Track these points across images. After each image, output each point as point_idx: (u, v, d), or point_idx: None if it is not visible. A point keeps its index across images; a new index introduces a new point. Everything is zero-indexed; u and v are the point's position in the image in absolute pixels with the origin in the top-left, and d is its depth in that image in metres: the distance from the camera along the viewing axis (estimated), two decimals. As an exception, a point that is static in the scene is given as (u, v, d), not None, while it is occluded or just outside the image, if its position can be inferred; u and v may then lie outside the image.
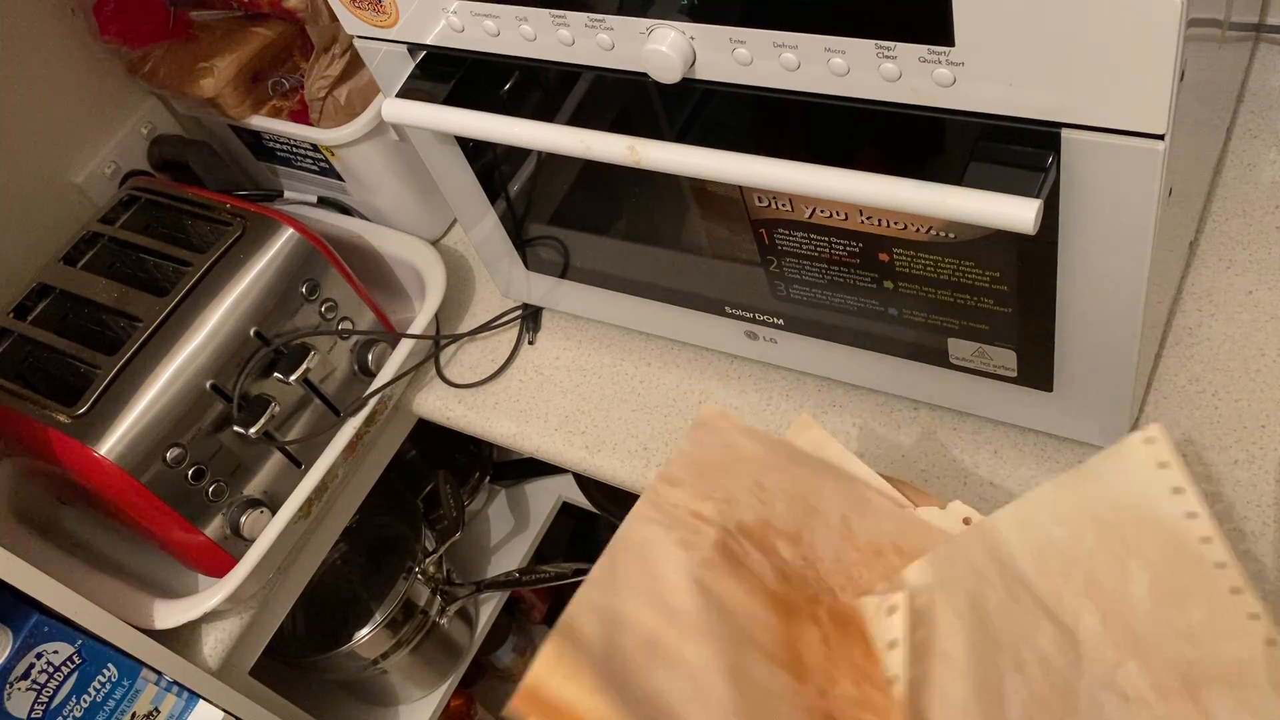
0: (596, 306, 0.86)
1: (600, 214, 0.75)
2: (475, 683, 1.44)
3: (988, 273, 0.60)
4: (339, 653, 1.07)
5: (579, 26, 0.59)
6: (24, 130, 0.94)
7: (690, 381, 0.83)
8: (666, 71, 0.57)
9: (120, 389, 0.76)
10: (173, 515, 0.78)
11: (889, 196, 0.54)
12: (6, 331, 0.83)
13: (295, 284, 0.83)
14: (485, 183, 0.78)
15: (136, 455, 0.75)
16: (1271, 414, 0.67)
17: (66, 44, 0.96)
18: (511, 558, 1.27)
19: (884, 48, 0.50)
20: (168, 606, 0.80)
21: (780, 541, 0.53)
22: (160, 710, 0.78)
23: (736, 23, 0.54)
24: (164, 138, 1.03)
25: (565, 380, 0.87)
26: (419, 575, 1.10)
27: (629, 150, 0.61)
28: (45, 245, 0.92)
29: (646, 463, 0.80)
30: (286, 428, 0.84)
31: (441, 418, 0.91)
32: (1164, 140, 0.48)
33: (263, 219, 0.83)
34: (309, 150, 0.97)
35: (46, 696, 0.72)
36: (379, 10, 0.67)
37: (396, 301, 0.98)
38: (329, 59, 0.90)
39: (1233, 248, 0.74)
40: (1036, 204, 0.50)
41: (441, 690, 1.19)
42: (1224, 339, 0.71)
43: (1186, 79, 0.48)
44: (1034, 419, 0.69)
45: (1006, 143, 0.52)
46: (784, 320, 0.74)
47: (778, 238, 0.66)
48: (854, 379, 0.76)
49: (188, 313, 0.79)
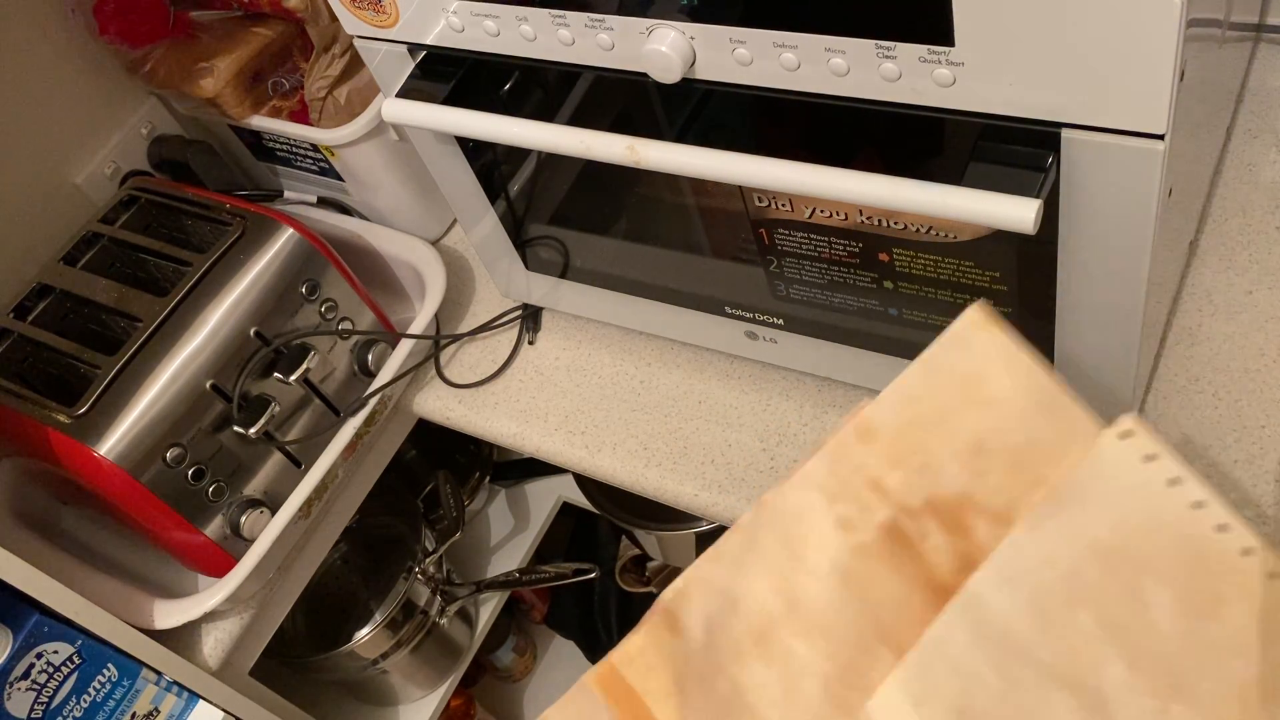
0: (596, 306, 0.86)
1: (600, 214, 0.75)
2: (475, 683, 1.44)
3: (988, 273, 0.60)
4: (339, 653, 1.07)
5: (579, 26, 0.59)
6: (24, 130, 0.94)
7: (690, 381, 0.83)
8: (666, 71, 0.57)
9: (120, 389, 0.76)
10: (173, 515, 0.78)
11: (889, 196, 0.54)
12: (6, 331, 0.83)
13: (295, 284, 0.83)
14: (485, 183, 0.78)
15: (136, 455, 0.75)
16: (1271, 414, 0.67)
17: (66, 44, 0.96)
18: (511, 558, 1.27)
19: (884, 48, 0.50)
20: (168, 606, 0.80)
21: (980, 520, 0.45)
22: (160, 710, 0.78)
23: (736, 23, 0.54)
24: (164, 138, 1.03)
25: (565, 380, 0.87)
26: (419, 575, 1.10)
27: (629, 150, 0.61)
28: (45, 245, 0.92)
29: (646, 463, 0.80)
30: (286, 428, 0.84)
31: (441, 418, 0.91)
32: (1164, 140, 0.48)
33: (263, 219, 0.83)
34: (309, 150, 0.97)
35: (46, 696, 0.72)
36: (379, 10, 0.67)
37: (396, 301, 0.98)
38: (329, 59, 0.90)
39: (1233, 248, 0.74)
40: (1036, 204, 0.50)
41: (441, 690, 1.19)
42: (1224, 339, 0.71)
43: (1186, 79, 0.48)
44: (1034, 419, 0.69)
45: (1006, 143, 0.52)
46: (784, 320, 0.74)
47: (778, 238, 0.66)
48: (854, 379, 0.76)
49: (188, 313, 0.79)
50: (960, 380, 0.47)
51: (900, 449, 0.46)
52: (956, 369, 0.47)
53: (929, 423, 0.46)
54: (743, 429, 0.79)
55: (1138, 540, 0.44)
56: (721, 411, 0.81)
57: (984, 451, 0.46)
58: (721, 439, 0.79)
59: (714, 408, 0.81)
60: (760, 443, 0.78)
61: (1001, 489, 0.46)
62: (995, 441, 0.46)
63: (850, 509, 0.45)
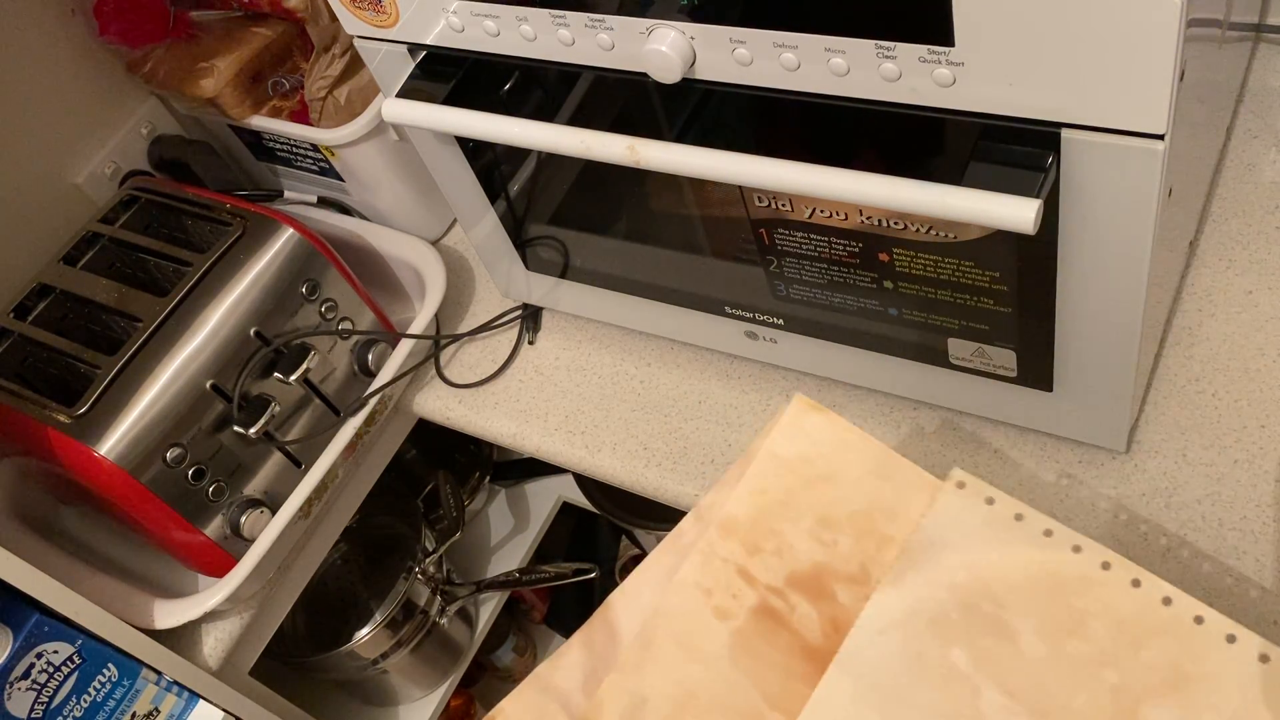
0: (596, 306, 0.86)
1: (600, 214, 0.75)
2: (475, 683, 1.44)
3: (988, 273, 0.60)
4: (339, 653, 1.07)
5: (579, 26, 0.59)
6: (24, 130, 0.94)
7: (690, 381, 0.83)
8: (666, 71, 0.57)
9: (120, 389, 0.76)
10: (173, 515, 0.78)
11: (889, 196, 0.54)
12: (6, 331, 0.83)
13: (295, 284, 0.83)
14: (485, 183, 0.78)
15: (136, 455, 0.75)
16: (1271, 414, 0.67)
17: (66, 44, 0.96)
18: (511, 558, 1.27)
19: (884, 48, 0.50)
20: (168, 606, 0.80)
21: (839, 585, 0.51)
22: (160, 710, 0.78)
23: (736, 23, 0.54)
24: (164, 138, 1.03)
25: (565, 380, 0.87)
26: (419, 575, 1.10)
27: (629, 150, 0.61)
28: (45, 245, 0.92)
29: (646, 463, 0.80)
30: (286, 428, 0.84)
31: (441, 418, 0.91)
32: (1164, 140, 0.48)
33: (263, 219, 0.83)
34: (309, 150, 0.97)
35: (46, 696, 0.72)
36: (379, 10, 0.67)
37: (396, 301, 0.98)
38: (329, 59, 0.90)
39: (1233, 248, 0.74)
40: (1036, 204, 0.50)
41: (441, 690, 1.19)
42: (1224, 339, 0.71)
43: (1186, 79, 0.48)
44: (1034, 419, 0.69)
45: (1006, 143, 0.52)
46: (784, 320, 0.74)
47: (778, 238, 0.66)
48: (854, 379, 0.76)
49: (188, 313, 0.79)
50: (799, 464, 0.52)
51: (756, 536, 0.51)
52: (794, 454, 0.52)
53: (778, 507, 0.52)
54: (743, 429, 0.79)
55: (994, 575, 0.47)
56: (721, 411, 0.81)
57: (830, 523, 0.51)
58: (721, 439, 0.79)
59: (714, 408, 0.81)
60: (760, 443, 0.78)
61: (853, 554, 0.50)
62: (839, 511, 0.51)
63: (724, 598, 0.50)
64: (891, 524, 0.51)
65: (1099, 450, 0.70)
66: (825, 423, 0.53)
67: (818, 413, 0.54)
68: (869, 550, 0.50)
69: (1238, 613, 0.62)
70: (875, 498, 0.51)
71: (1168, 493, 0.67)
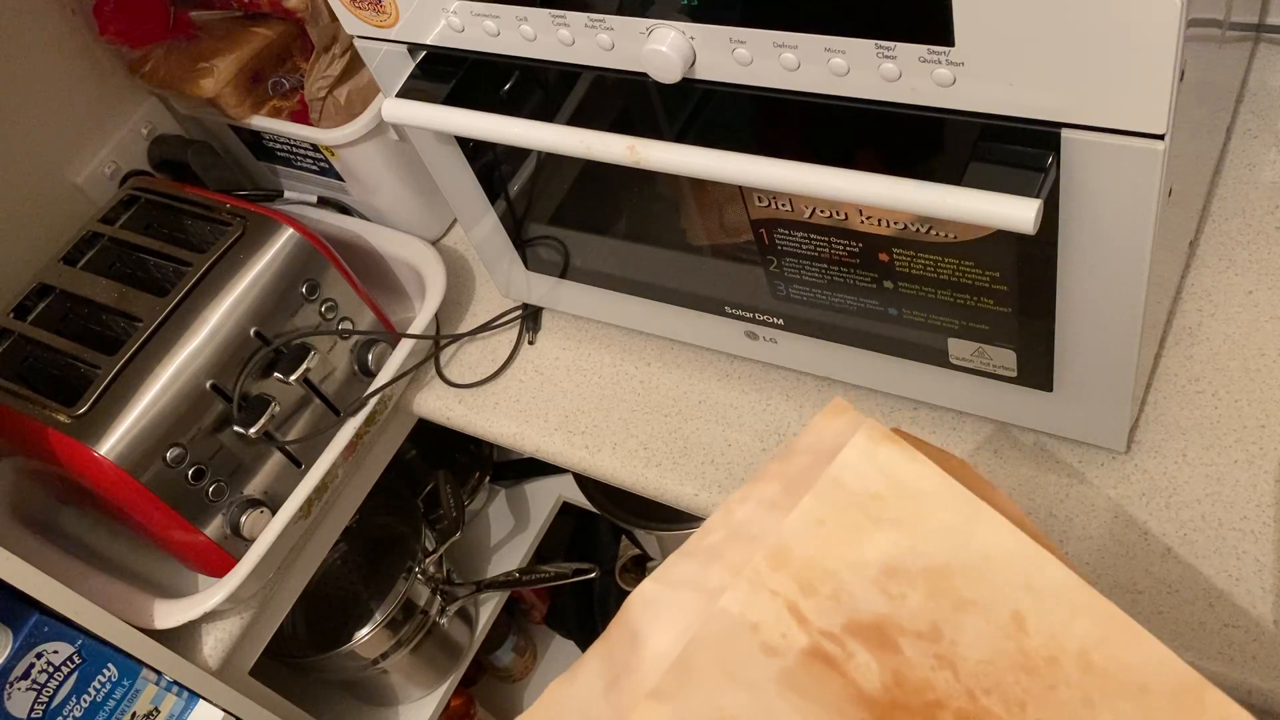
0: (596, 306, 0.86)
1: (600, 214, 0.75)
2: (475, 683, 1.44)
3: (988, 273, 0.60)
4: (339, 653, 1.07)
5: (579, 26, 0.59)
6: (24, 130, 0.94)
7: (690, 381, 0.83)
8: (666, 71, 0.57)
9: (120, 389, 0.76)
10: (173, 515, 0.78)
11: (889, 196, 0.54)
12: (6, 331, 0.83)
13: (295, 284, 0.83)
14: (485, 183, 0.78)
15: (136, 455, 0.75)
16: (1271, 414, 0.67)
17: (66, 44, 0.96)
18: (511, 558, 1.27)
19: (884, 48, 0.50)
20: (168, 606, 0.80)
21: (905, 639, 0.45)
22: (160, 710, 0.78)
23: (736, 23, 0.54)
24: (164, 138, 1.03)
25: (565, 380, 0.87)
26: (419, 575, 1.10)
27: (629, 150, 0.61)
28: (45, 245, 0.92)
29: (646, 463, 0.80)
30: (286, 428, 0.84)
31: (441, 418, 0.91)
32: (1164, 140, 0.48)
33: (263, 219, 0.83)
34: (309, 150, 0.97)
35: (46, 696, 0.72)
36: (379, 10, 0.67)
37: (396, 301, 0.98)
38: (329, 59, 0.90)
39: (1233, 248, 0.74)
40: (1036, 204, 0.50)
41: (441, 690, 1.19)
42: (1224, 339, 0.71)
43: (1186, 79, 0.48)
44: (1034, 419, 0.69)
45: (1006, 143, 0.52)
46: (784, 320, 0.74)
47: (778, 238, 0.66)
48: (854, 379, 0.76)
49: (188, 313, 0.79)
50: (868, 501, 0.46)
51: (811, 576, 0.46)
52: (863, 490, 0.46)
53: (839, 547, 0.46)
54: (743, 429, 0.79)
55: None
56: (721, 411, 0.81)
57: (899, 575, 0.45)
58: (721, 439, 0.79)
59: (714, 408, 0.81)
60: (760, 443, 0.78)
61: (923, 612, 0.45)
62: (912, 564, 0.45)
63: (773, 636, 0.45)
64: (974, 588, 0.45)
65: (1099, 450, 0.70)
66: (902, 458, 0.47)
67: (892, 444, 0.47)
68: (943, 611, 0.45)
69: (1237, 614, 0.62)
70: (956, 554, 0.46)
71: (1168, 493, 0.67)
